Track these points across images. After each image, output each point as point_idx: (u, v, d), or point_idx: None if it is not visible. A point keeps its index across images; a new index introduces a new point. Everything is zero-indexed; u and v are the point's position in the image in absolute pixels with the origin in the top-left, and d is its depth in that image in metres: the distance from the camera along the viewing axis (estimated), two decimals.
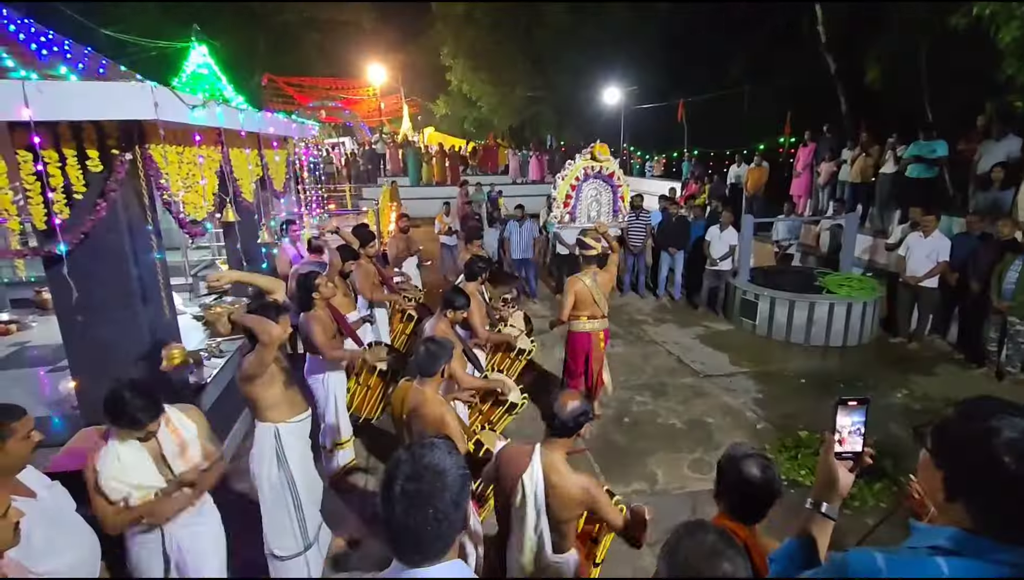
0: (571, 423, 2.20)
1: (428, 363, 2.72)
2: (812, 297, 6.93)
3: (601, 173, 5.98)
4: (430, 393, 2.73)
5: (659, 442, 4.77)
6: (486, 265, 4.47)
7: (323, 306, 3.89)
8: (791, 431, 4.85)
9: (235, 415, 4.72)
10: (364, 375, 4.30)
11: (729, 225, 7.81)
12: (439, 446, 1.39)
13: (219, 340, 4.66)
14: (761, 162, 11.33)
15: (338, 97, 23.86)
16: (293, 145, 7.06)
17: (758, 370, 6.23)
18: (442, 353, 2.74)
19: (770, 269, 8.25)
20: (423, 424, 2.69)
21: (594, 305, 4.70)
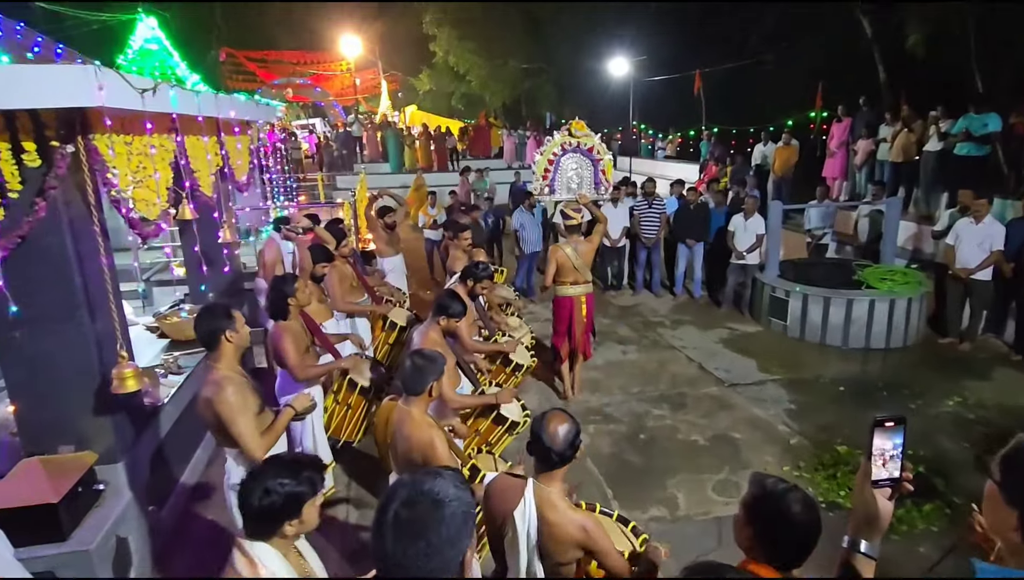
0: (567, 451, 2.15)
1: (414, 379, 2.71)
2: (850, 293, 6.95)
3: (580, 148, 6.17)
4: (417, 413, 2.72)
5: (679, 461, 4.78)
6: (485, 269, 4.47)
7: (297, 315, 3.89)
8: (828, 446, 4.87)
9: (196, 440, 4.72)
10: (343, 392, 4.29)
11: (755, 212, 7.83)
12: (446, 476, 1.39)
13: (176, 354, 4.65)
14: (790, 140, 11.39)
15: (307, 73, 23.85)
16: (257, 130, 7.03)
17: (790, 377, 6.25)
18: (430, 368, 2.73)
19: (802, 262, 8.29)
20: (408, 448, 2.69)
21: (575, 272, 5.49)
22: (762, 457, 4.80)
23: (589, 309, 5.71)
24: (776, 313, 7.47)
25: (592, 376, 6.33)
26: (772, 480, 1.79)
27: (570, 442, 2.15)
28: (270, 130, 8.34)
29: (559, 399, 5.82)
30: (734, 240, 7.93)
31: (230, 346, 2.89)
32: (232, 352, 2.92)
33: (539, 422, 2.19)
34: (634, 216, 8.75)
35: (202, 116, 4.71)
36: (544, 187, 6.27)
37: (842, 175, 10.94)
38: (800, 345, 7.09)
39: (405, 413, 2.73)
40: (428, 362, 2.74)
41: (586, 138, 6.19)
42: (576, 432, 2.18)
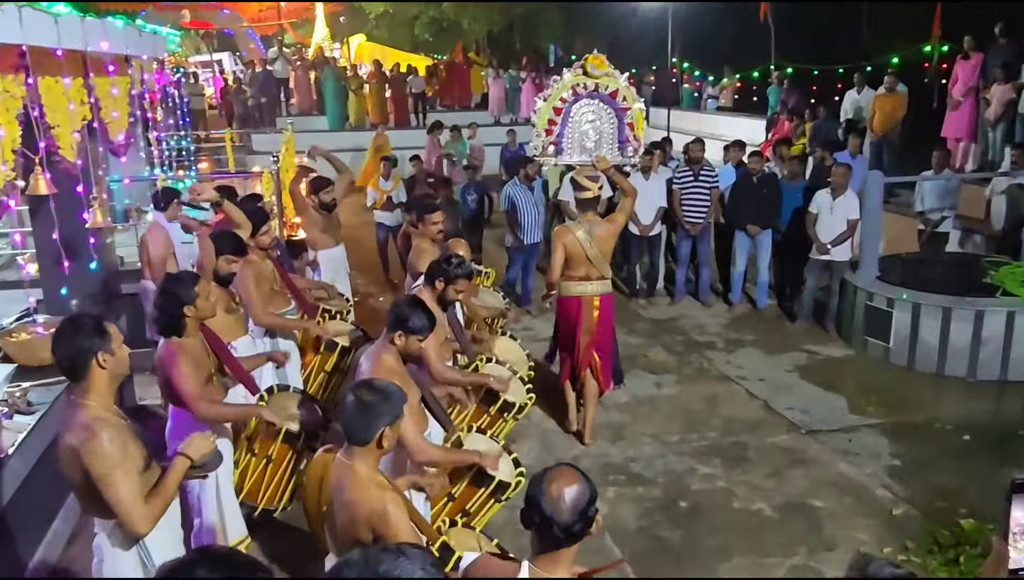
0: (576, 525, 2.15)
1: (358, 423, 2.71)
2: (980, 302, 7.00)
3: (599, 92, 6.13)
4: (364, 471, 2.72)
5: (735, 539, 4.80)
6: (461, 265, 4.51)
7: (197, 330, 3.91)
8: (946, 519, 4.89)
9: (54, 506, 4.71)
10: (261, 441, 4.32)
11: (846, 187, 7.87)
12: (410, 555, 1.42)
13: (26, 385, 4.66)
14: (895, 86, 11.49)
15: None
16: (140, 69, 7.07)
17: (893, 421, 6.27)
18: (381, 407, 2.73)
19: (911, 258, 8.38)
20: (351, 519, 2.70)
21: (588, 263, 5.55)
22: (853, 533, 4.82)
23: (604, 316, 5.74)
24: (874, 330, 7.52)
25: (613, 418, 6.38)
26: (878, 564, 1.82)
27: (580, 511, 2.16)
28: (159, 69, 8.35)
29: (567, 447, 5.86)
30: (816, 226, 7.97)
31: (102, 374, 2.91)
32: (106, 383, 2.94)
33: (537, 483, 2.21)
34: (673, 192, 8.80)
35: (62, 49, 4.75)
36: (547, 145, 6.28)
37: (969, 135, 11.01)
38: (908, 375, 7.13)
39: (346, 470, 2.75)
40: (379, 398, 2.75)
41: (608, 79, 6.20)
42: (590, 497, 2.20)
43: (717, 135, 15.72)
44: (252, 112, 19.15)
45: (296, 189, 6.89)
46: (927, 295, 7.21)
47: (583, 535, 2.19)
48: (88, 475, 2.84)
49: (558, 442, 6.04)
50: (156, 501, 2.91)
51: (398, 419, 2.79)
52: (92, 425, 2.83)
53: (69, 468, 2.91)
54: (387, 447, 2.77)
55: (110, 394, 2.98)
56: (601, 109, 6.23)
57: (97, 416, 2.86)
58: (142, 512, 2.86)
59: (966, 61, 10.88)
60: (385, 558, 1.44)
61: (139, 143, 7.46)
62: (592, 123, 6.22)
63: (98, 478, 2.80)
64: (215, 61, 26.84)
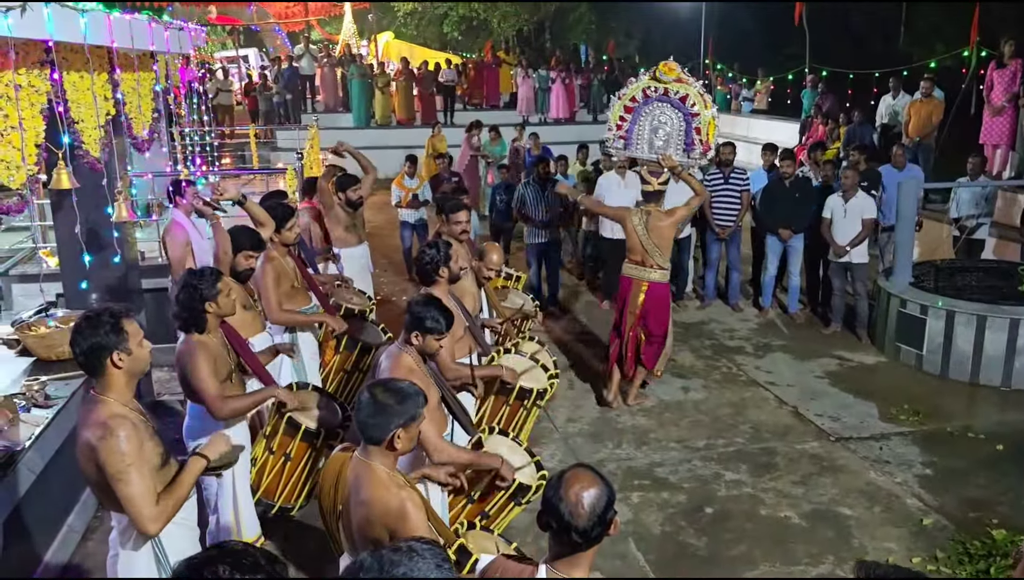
0: (594, 528, 2.15)
1: (376, 422, 2.73)
2: (1016, 310, 6.92)
3: (669, 96, 6.34)
4: (381, 470, 2.73)
5: (762, 547, 4.76)
6: (438, 245, 4.48)
7: (217, 327, 3.92)
8: (978, 529, 4.84)
9: (70, 499, 4.76)
10: (280, 437, 4.33)
11: (857, 189, 7.89)
12: (423, 553, 1.40)
13: (44, 379, 4.71)
14: (931, 91, 11.35)
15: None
16: (166, 64, 7.13)
17: (925, 430, 6.21)
18: (397, 409, 2.74)
19: (946, 265, 8.27)
20: (367, 518, 2.70)
21: (643, 251, 6.19)
22: (883, 543, 4.76)
23: (650, 303, 6.21)
24: (907, 337, 7.44)
25: (638, 423, 6.35)
26: (871, 566, 1.80)
27: (599, 515, 2.15)
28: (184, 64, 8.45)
29: (591, 450, 5.82)
30: (832, 230, 7.98)
31: (118, 373, 2.93)
32: (123, 380, 2.95)
33: (555, 485, 2.20)
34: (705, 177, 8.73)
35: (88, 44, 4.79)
36: (616, 139, 6.69)
37: (1007, 142, 10.86)
38: (941, 384, 7.05)
39: (364, 468, 2.75)
40: (394, 398, 2.75)
41: (678, 85, 6.45)
42: (609, 500, 2.18)
43: (751, 138, 15.63)
44: (277, 108, 19.31)
45: (324, 185, 6.91)
46: (962, 303, 7.13)
47: (601, 538, 2.18)
48: (103, 470, 2.85)
49: (582, 446, 6.01)
50: (168, 501, 2.92)
51: (414, 421, 2.79)
52: (109, 422, 2.85)
53: (85, 463, 2.93)
54: (401, 448, 2.78)
55: (128, 390, 2.99)
56: (671, 112, 6.47)
57: (115, 413, 2.88)
58: (153, 512, 2.87)
59: (1003, 68, 10.75)
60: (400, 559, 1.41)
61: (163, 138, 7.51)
62: (662, 124, 6.49)
63: (112, 475, 2.82)
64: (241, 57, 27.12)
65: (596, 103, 21.73)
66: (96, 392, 2.95)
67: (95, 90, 5.25)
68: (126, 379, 2.96)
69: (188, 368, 3.78)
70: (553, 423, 6.28)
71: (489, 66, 22.31)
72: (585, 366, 7.46)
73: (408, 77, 19.88)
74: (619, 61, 23.83)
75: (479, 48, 26.87)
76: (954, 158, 10.70)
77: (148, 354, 3.04)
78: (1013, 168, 10.79)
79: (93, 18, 4.80)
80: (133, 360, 2.94)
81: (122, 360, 2.90)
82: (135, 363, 2.97)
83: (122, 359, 2.90)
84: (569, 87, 20.80)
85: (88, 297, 5.65)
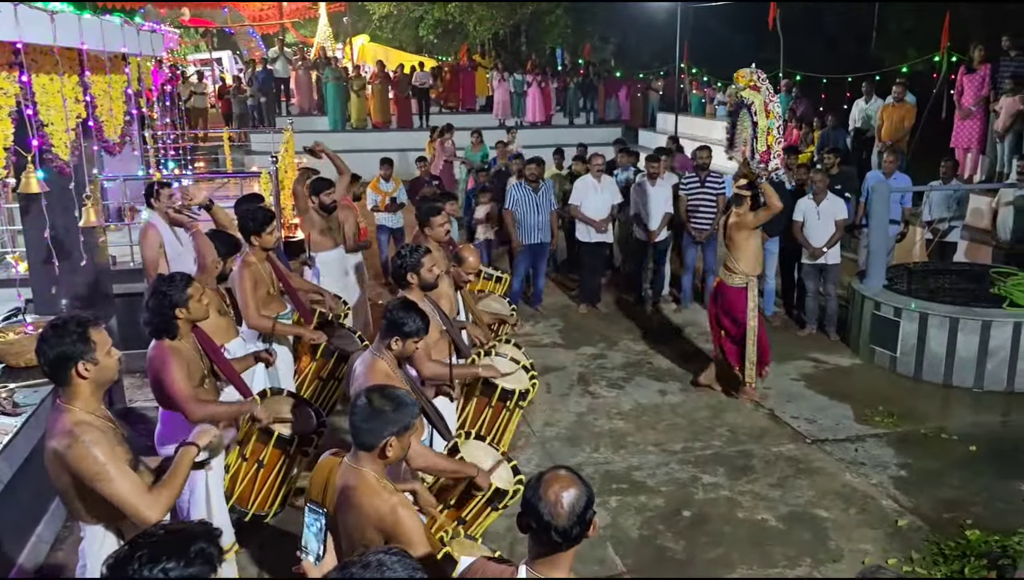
0: (574, 529, 2.16)
1: (371, 427, 2.71)
2: (986, 313, 7.02)
3: (744, 104, 6.73)
4: (371, 477, 2.72)
5: (739, 550, 4.79)
6: (414, 250, 4.50)
7: (189, 332, 3.89)
8: (953, 530, 4.89)
9: (42, 507, 4.70)
10: (253, 446, 4.29)
11: (826, 192, 8.02)
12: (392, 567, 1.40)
13: (12, 386, 4.64)
14: (904, 95, 11.51)
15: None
16: (137, 67, 7.08)
17: (900, 431, 6.27)
18: (396, 414, 2.72)
19: (919, 268, 8.37)
20: (360, 525, 2.69)
21: (726, 254, 6.81)
22: (859, 544, 4.80)
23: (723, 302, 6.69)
24: (881, 339, 7.52)
25: (616, 426, 6.37)
26: (873, 568, 1.82)
27: (578, 514, 2.16)
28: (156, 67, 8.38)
29: (568, 454, 5.81)
30: (804, 231, 8.09)
31: (85, 383, 2.88)
32: (89, 390, 2.91)
33: (534, 486, 2.21)
34: (680, 198, 8.82)
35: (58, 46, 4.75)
36: (725, 140, 7.22)
37: (978, 145, 11.04)
38: (915, 385, 7.13)
39: (354, 474, 2.73)
40: (391, 405, 2.74)
41: (750, 92, 6.58)
42: (588, 500, 2.20)
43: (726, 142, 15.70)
44: (251, 111, 19.21)
45: (299, 189, 6.88)
46: (934, 305, 7.23)
47: (580, 539, 2.19)
48: (75, 479, 2.83)
49: (559, 450, 6.02)
50: (164, 489, 2.90)
51: (407, 431, 2.77)
52: (74, 430, 2.81)
53: (55, 473, 2.90)
54: (392, 457, 2.76)
55: (95, 399, 2.95)
56: (747, 119, 6.64)
57: (80, 420, 2.84)
58: (147, 499, 2.84)
59: (973, 73, 10.94)
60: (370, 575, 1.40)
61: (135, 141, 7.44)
62: (744, 128, 6.71)
63: (91, 478, 2.79)
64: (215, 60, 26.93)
65: (572, 107, 21.85)
66: (62, 401, 2.91)
67: (65, 92, 5.19)
68: (92, 388, 2.92)
69: (160, 373, 3.74)
70: (530, 427, 6.28)
71: (465, 69, 22.35)
72: (562, 370, 7.48)
73: (384, 80, 19.85)
74: (595, 65, 23.96)
75: (455, 51, 26.88)
76: (926, 162, 10.85)
77: (116, 363, 3.01)
78: (983, 171, 10.98)
79: (63, 20, 4.75)
80: (100, 370, 2.90)
81: (88, 370, 2.86)
82: (102, 373, 2.93)
83: (88, 369, 2.86)
84: (545, 91, 20.87)
85: (58, 302, 5.58)
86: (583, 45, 26.32)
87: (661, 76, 22.13)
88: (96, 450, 2.79)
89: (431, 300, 4.71)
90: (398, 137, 18.57)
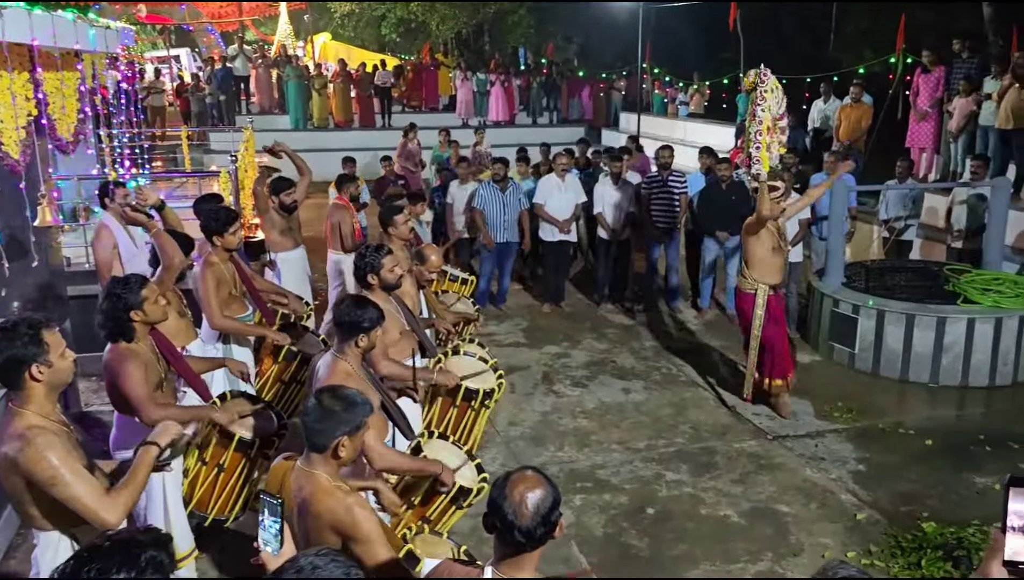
0: (538, 529, 2.16)
1: (322, 428, 2.70)
2: (941, 309, 7.16)
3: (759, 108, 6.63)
4: (323, 478, 2.71)
5: (702, 546, 4.83)
6: (376, 249, 4.49)
7: (146, 335, 3.82)
8: (910, 523, 4.99)
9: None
10: (213, 449, 4.22)
11: (790, 193, 8.01)
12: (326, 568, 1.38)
13: None
14: (861, 96, 11.72)
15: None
16: (92, 63, 6.93)
17: (859, 427, 6.38)
18: (347, 414, 2.72)
19: (876, 265, 8.52)
20: (318, 527, 2.68)
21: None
22: (818, 538, 4.88)
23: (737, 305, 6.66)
24: (839, 336, 7.64)
25: (580, 425, 6.39)
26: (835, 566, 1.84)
27: (543, 515, 2.16)
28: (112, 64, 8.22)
29: (533, 453, 5.82)
30: None
31: (38, 386, 2.82)
32: (43, 393, 2.85)
33: (500, 487, 2.21)
34: (642, 197, 8.87)
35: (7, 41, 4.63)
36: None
37: (932, 145, 11.28)
38: (873, 382, 7.26)
39: (307, 478, 2.72)
40: (342, 405, 2.74)
41: (758, 95, 6.48)
42: (554, 501, 2.20)
43: (688, 141, 15.88)
44: (210, 110, 18.96)
45: (260, 189, 6.79)
46: (892, 302, 7.36)
47: (546, 540, 2.19)
48: (29, 485, 2.77)
49: (524, 449, 6.02)
50: (123, 491, 2.84)
51: (359, 430, 2.77)
52: (26, 433, 2.76)
53: (7, 478, 2.83)
54: (344, 457, 2.76)
55: (49, 402, 2.90)
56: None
57: (32, 424, 2.79)
58: (105, 502, 2.78)
59: (928, 74, 11.19)
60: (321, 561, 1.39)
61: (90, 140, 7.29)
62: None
63: (46, 483, 2.73)
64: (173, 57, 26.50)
65: (535, 106, 21.88)
66: (15, 405, 2.85)
67: (15, 89, 5.08)
68: (46, 391, 2.86)
69: (117, 376, 3.67)
70: (494, 426, 6.27)
71: (428, 68, 22.26)
72: (527, 369, 7.48)
73: (346, 79, 19.70)
74: (558, 64, 24.04)
75: (417, 50, 26.77)
76: (882, 161, 11.06)
77: (71, 365, 2.95)
78: (938, 171, 11.22)
79: (13, 15, 4.65)
80: (54, 372, 2.85)
81: (42, 373, 2.80)
82: (56, 375, 2.87)
83: (42, 372, 2.80)
84: (508, 90, 20.88)
85: (9, 305, 5.45)
86: (546, 45, 26.41)
87: (624, 76, 22.28)
88: (50, 454, 2.74)
89: (397, 299, 4.69)
90: (361, 136, 18.46)
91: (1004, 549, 1.56)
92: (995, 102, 9.97)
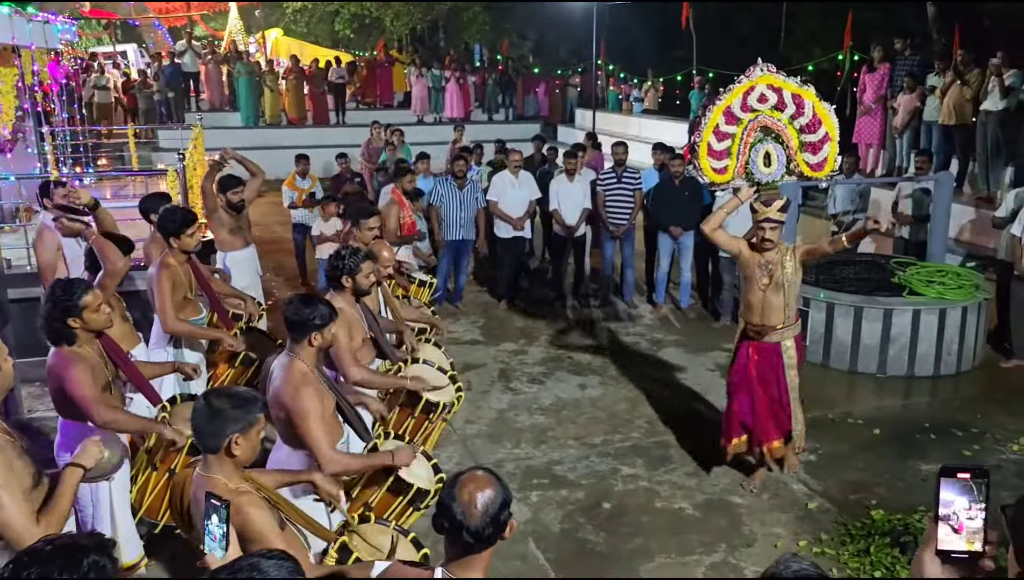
0: (487, 530, 2.16)
1: (211, 428, 2.69)
2: (888, 301, 7.34)
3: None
4: (220, 480, 2.70)
5: (658, 539, 4.89)
6: (353, 253, 4.46)
7: (90, 339, 3.75)
8: (859, 511, 5.11)
9: None
10: (164, 454, 4.14)
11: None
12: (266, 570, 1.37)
13: None
14: None
15: None
16: (31, 59, 6.75)
17: (810, 417, 6.40)
18: (233, 413, 2.70)
19: (825, 258, 8.65)
20: None
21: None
22: (771, 528, 4.97)
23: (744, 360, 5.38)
24: None
25: (536, 422, 6.41)
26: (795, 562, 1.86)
27: (492, 516, 2.15)
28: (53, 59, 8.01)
29: (489, 452, 5.83)
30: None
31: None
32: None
33: (449, 487, 2.20)
34: (597, 194, 8.93)
35: None
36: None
37: (879, 141, 11.55)
38: (823, 373, 7.39)
39: (204, 483, 2.70)
40: (229, 404, 2.72)
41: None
42: (504, 502, 2.19)
43: (642, 137, 16.02)
44: (158, 107, 18.57)
45: (208, 187, 6.67)
46: (840, 295, 7.51)
47: (495, 540, 2.19)
48: None
49: (480, 447, 6.03)
50: (50, 518, 2.78)
51: (252, 427, 2.76)
52: None
53: None
54: (240, 456, 2.75)
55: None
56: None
57: None
58: (36, 532, 2.70)
59: (874, 72, 11.47)
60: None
61: (30, 138, 7.10)
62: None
63: None
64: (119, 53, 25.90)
65: (491, 103, 21.87)
66: None
67: None
68: None
69: (63, 380, 3.60)
70: (451, 425, 6.26)
71: (382, 65, 22.09)
72: (483, 367, 7.49)
73: (298, 75, 19.48)
74: (513, 61, 24.06)
75: (372, 46, 26.57)
76: None
77: (11, 370, 2.89)
78: (884, 166, 11.50)
79: None
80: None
81: None
82: (0, 380, 2.81)
83: None
84: (463, 87, 20.83)
85: None
86: (501, 41, 26.40)
87: (579, 73, 22.40)
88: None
89: (364, 306, 4.65)
90: (314, 133, 18.28)
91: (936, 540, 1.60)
92: (938, 98, 10.25)
